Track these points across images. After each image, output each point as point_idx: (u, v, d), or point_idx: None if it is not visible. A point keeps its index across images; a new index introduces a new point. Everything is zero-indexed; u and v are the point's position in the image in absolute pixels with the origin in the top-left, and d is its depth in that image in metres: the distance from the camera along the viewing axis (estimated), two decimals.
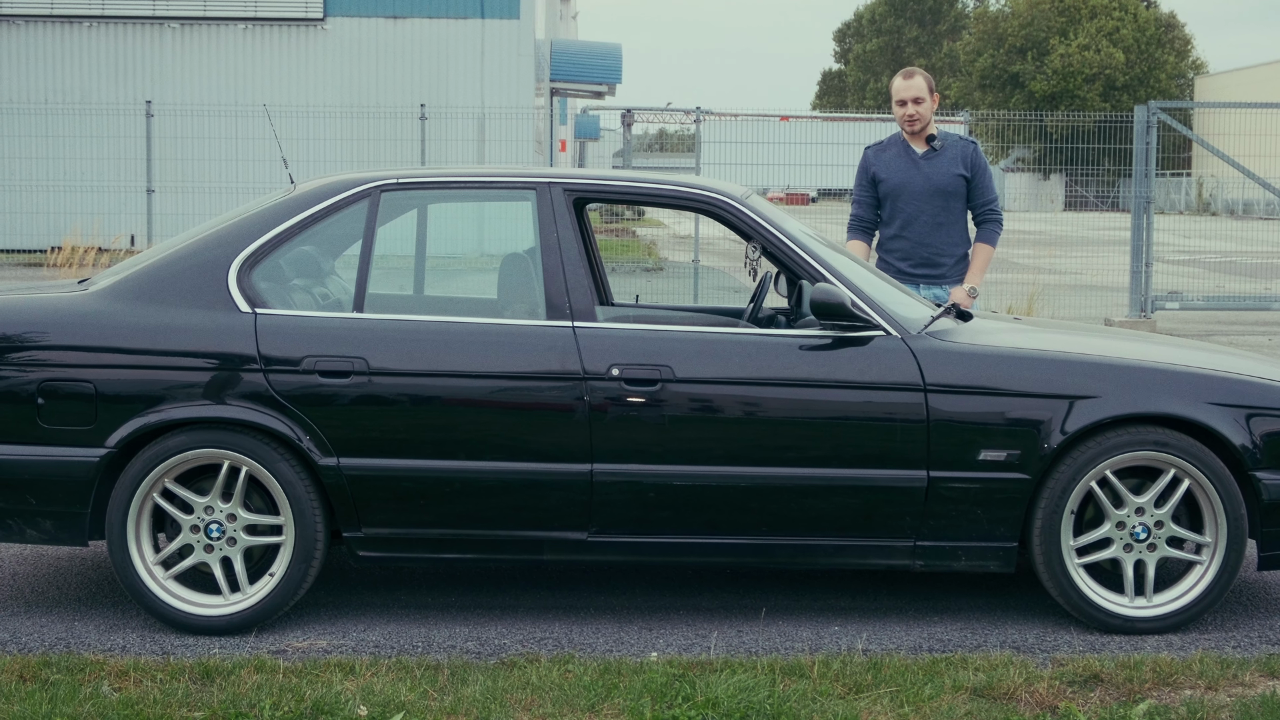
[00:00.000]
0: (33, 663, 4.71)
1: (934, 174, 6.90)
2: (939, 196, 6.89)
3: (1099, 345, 5.58)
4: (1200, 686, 4.62)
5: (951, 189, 6.90)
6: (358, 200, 5.38)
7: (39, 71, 24.78)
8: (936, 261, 6.88)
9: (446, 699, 4.44)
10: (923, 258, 6.87)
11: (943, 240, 6.89)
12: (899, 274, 6.85)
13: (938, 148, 6.95)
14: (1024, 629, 5.28)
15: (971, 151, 6.97)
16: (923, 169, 6.91)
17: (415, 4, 25.12)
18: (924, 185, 6.89)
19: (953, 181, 6.90)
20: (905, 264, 6.89)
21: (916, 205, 6.88)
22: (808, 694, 4.47)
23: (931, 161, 6.93)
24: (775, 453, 5.12)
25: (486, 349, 5.15)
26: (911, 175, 6.90)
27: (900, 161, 6.96)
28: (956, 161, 6.92)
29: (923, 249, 6.88)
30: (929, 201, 6.88)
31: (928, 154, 6.95)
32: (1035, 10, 69.51)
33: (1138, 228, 15.66)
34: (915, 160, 6.93)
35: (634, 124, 17.42)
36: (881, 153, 7.04)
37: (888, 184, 6.94)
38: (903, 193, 6.90)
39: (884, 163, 7.00)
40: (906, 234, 6.90)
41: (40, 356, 5.14)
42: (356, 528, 5.15)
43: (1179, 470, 5.13)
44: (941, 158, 6.93)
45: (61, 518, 5.14)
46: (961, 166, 6.92)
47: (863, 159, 7.10)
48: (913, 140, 6.98)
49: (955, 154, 6.94)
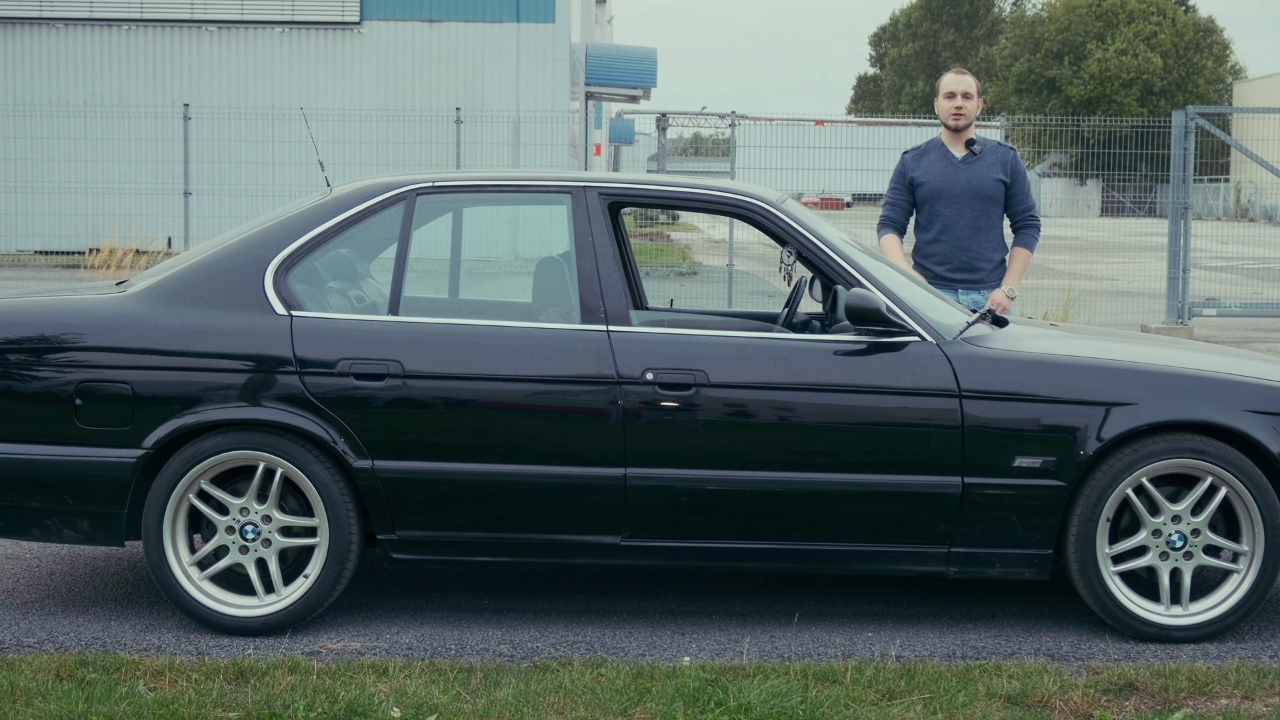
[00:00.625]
0: (69, 662, 4.74)
1: (974, 178, 6.88)
2: (978, 201, 6.86)
3: (1135, 352, 5.55)
4: (1237, 696, 4.59)
5: (991, 194, 6.88)
6: (393, 203, 5.40)
7: (77, 74, 24.96)
8: (975, 266, 6.85)
9: (479, 701, 4.45)
10: (961, 262, 6.85)
11: (981, 245, 6.87)
12: (936, 279, 6.83)
13: (977, 152, 6.93)
14: (1058, 637, 5.26)
15: (1011, 157, 6.95)
16: (962, 173, 6.89)
17: (451, 7, 25.19)
18: (964, 189, 6.86)
19: (992, 186, 6.88)
20: (943, 268, 6.87)
21: (956, 209, 6.86)
22: (840, 700, 4.46)
23: (971, 166, 6.91)
24: (809, 458, 5.11)
25: (521, 352, 5.16)
26: (952, 179, 6.88)
27: (940, 165, 6.94)
28: (996, 166, 6.90)
29: (961, 253, 6.85)
30: (968, 205, 6.86)
31: (967, 158, 6.93)
32: (1072, 15, 69.21)
33: (1175, 234, 15.56)
34: (955, 164, 6.91)
35: (669, 128, 17.40)
36: (920, 157, 7.02)
37: (927, 187, 6.92)
38: (942, 196, 6.87)
39: (923, 167, 6.97)
40: (945, 238, 6.88)
41: (78, 358, 5.18)
42: (390, 530, 5.16)
43: (1216, 478, 5.09)
44: (981, 162, 6.91)
45: (98, 518, 5.17)
46: (1001, 171, 6.90)
47: (900, 163, 7.08)
48: (952, 144, 6.96)
49: (995, 159, 6.92)
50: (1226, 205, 37.23)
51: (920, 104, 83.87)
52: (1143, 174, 23.06)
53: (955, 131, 6.96)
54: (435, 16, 25.22)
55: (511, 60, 25.03)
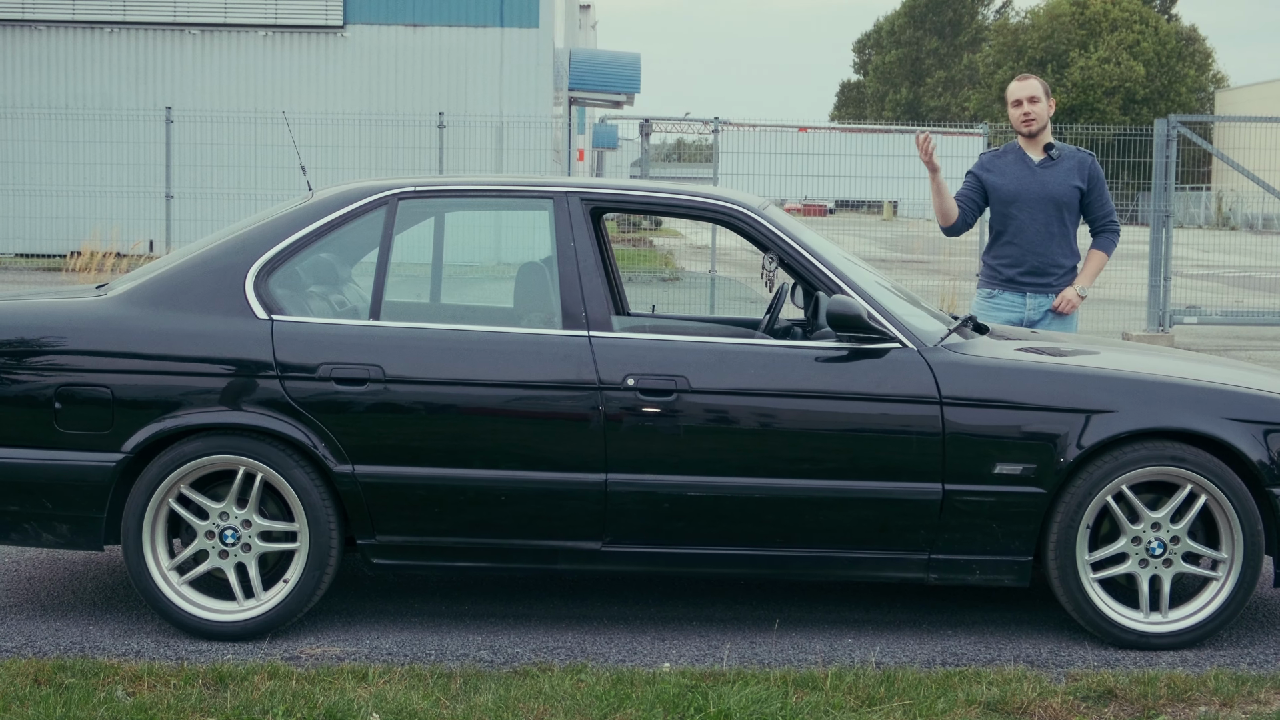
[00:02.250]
0: (47, 666, 4.72)
1: (1050, 183, 6.85)
2: (1053, 206, 6.84)
3: (1116, 359, 5.57)
4: (1215, 703, 4.61)
5: (1067, 200, 6.85)
6: (375, 208, 5.40)
7: (60, 77, 24.90)
8: (1045, 270, 6.83)
9: (459, 707, 4.44)
10: (1032, 266, 6.83)
11: (1054, 250, 6.84)
12: (1007, 281, 6.83)
13: (1055, 157, 6.90)
14: (1038, 643, 5.27)
15: (1090, 163, 6.92)
16: (1039, 176, 6.86)
17: (435, 12, 25.19)
18: (1039, 193, 6.84)
19: (1069, 192, 6.86)
20: (1014, 271, 6.85)
21: (1030, 213, 6.83)
22: (820, 706, 4.47)
23: (1048, 170, 6.88)
24: (790, 464, 5.11)
25: (502, 358, 5.15)
26: (1027, 183, 6.85)
27: (1016, 169, 6.91)
28: (1073, 173, 6.88)
29: (1033, 257, 6.83)
30: (1042, 210, 6.83)
31: (1044, 162, 6.90)
32: (1055, 23, 69.45)
33: (1156, 241, 15.62)
34: (1032, 168, 6.89)
35: (652, 134, 17.41)
36: (997, 159, 7.00)
37: (1002, 190, 6.89)
38: (1017, 200, 6.84)
39: (1000, 169, 6.93)
40: (1018, 241, 6.85)
41: (58, 361, 5.16)
42: (371, 535, 5.15)
43: (1195, 486, 5.11)
44: (1058, 167, 6.89)
45: (77, 522, 5.15)
46: (1079, 178, 6.87)
47: (977, 162, 7.05)
48: (1028, 147, 6.94)
49: (1072, 164, 6.90)
50: (1208, 213, 37.37)
51: (903, 110, 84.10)
52: (1125, 182, 23.14)
53: (1029, 137, 6.95)
54: (419, 21, 25.21)
55: (495, 65, 25.03)
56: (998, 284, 6.87)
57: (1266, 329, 16.81)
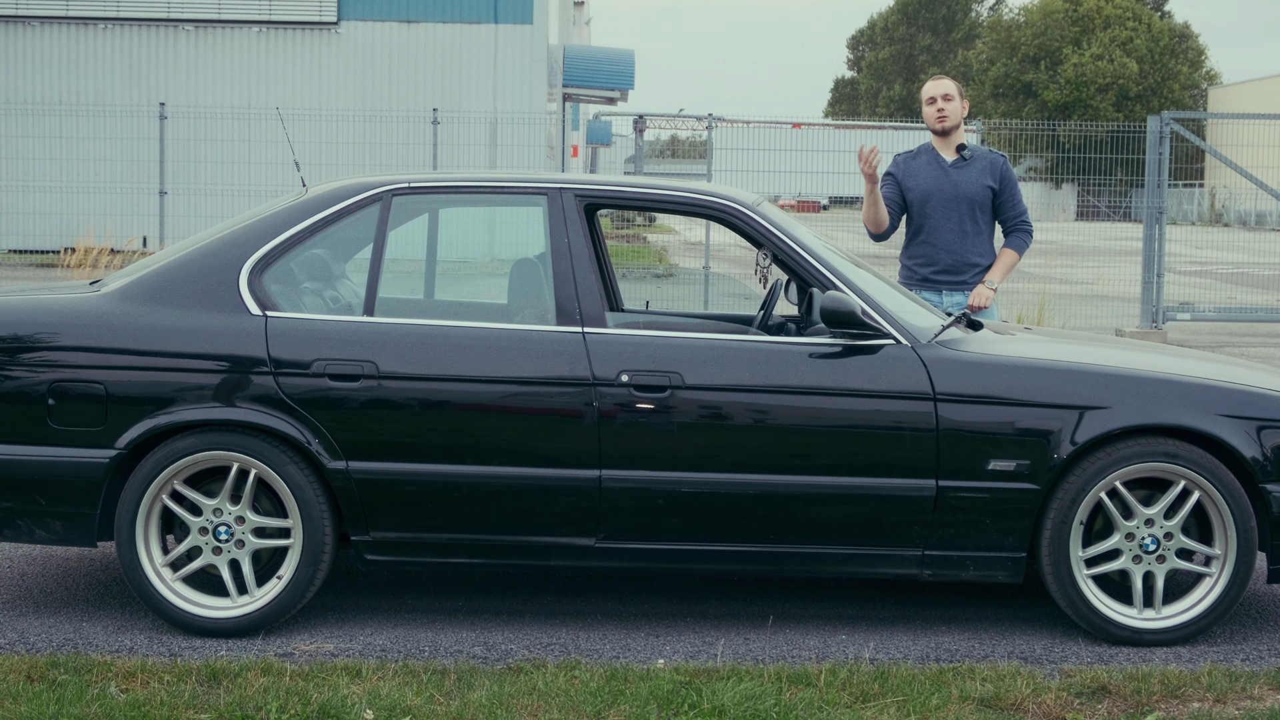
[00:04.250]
0: (40, 663, 4.72)
1: (962, 183, 6.89)
2: (966, 206, 6.88)
3: (1109, 356, 5.57)
4: (1209, 699, 4.61)
5: (979, 199, 6.89)
6: (369, 204, 5.39)
7: (53, 73, 24.85)
8: (959, 269, 6.87)
9: (453, 703, 4.44)
10: (947, 265, 6.87)
11: (968, 249, 6.88)
12: (922, 280, 6.86)
13: (967, 158, 6.94)
14: (1032, 639, 5.27)
15: (1001, 164, 6.96)
16: (951, 177, 6.90)
17: (429, 8, 25.16)
18: (952, 193, 6.88)
19: (981, 192, 6.89)
20: (928, 270, 6.89)
21: (943, 213, 6.87)
22: (814, 703, 4.47)
23: (961, 171, 6.92)
24: (784, 460, 5.11)
25: (496, 354, 5.15)
26: (940, 183, 6.89)
27: (929, 169, 6.95)
28: (985, 173, 6.92)
29: (947, 256, 6.87)
30: (955, 209, 6.87)
31: (957, 163, 6.94)
32: (1049, 19, 69.46)
33: (1150, 238, 15.63)
34: (944, 168, 6.92)
35: (646, 130, 17.41)
36: (911, 160, 7.04)
37: (915, 191, 6.94)
38: (930, 200, 6.89)
39: (913, 170, 6.99)
40: (933, 241, 6.89)
41: (51, 357, 5.15)
42: (364, 531, 5.15)
43: (1189, 482, 5.12)
44: (971, 168, 6.92)
45: (70, 518, 5.14)
46: (990, 178, 6.91)
47: (893, 162, 7.09)
48: (941, 147, 6.98)
49: (984, 165, 6.94)
50: (1201, 210, 37.41)
51: (897, 107, 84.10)
52: (1118, 178, 23.17)
53: (943, 135, 6.97)
54: (413, 17, 25.17)
55: (489, 61, 25.01)
56: (915, 283, 6.91)
57: (1259, 325, 16.83)
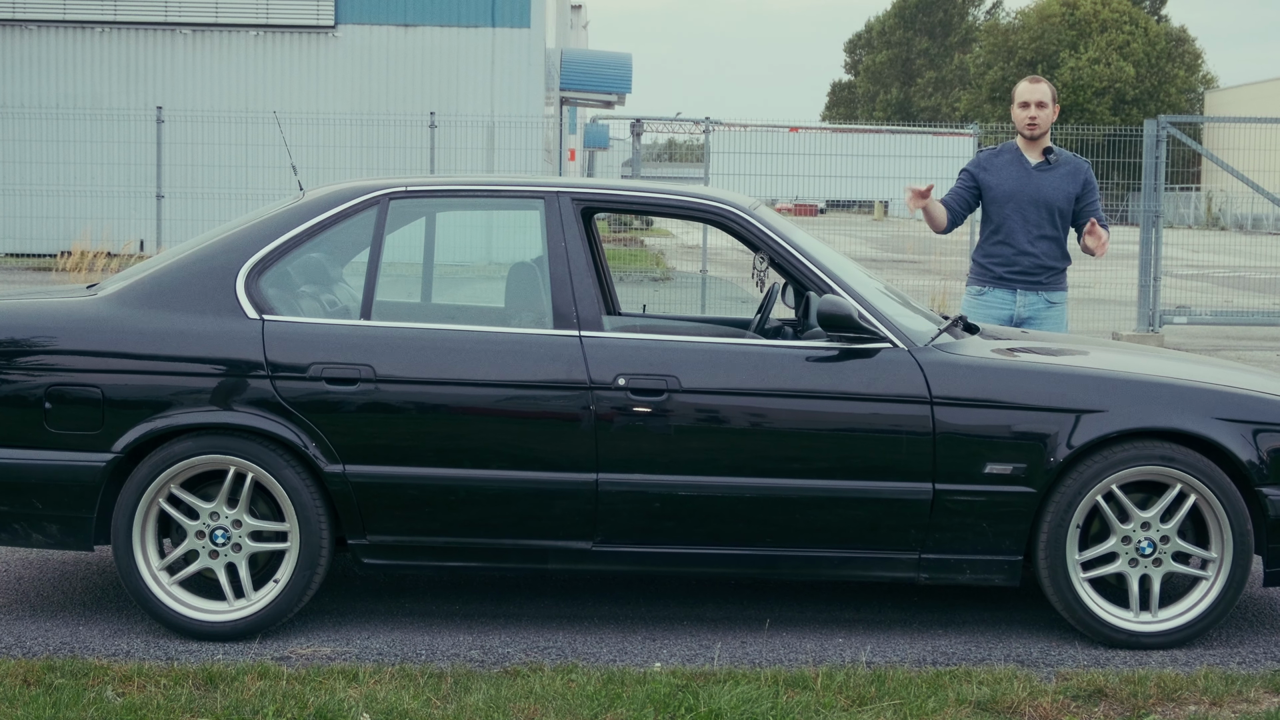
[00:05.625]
0: (37, 667, 4.71)
1: (1045, 186, 6.86)
2: (1046, 209, 6.85)
3: (1106, 359, 5.58)
4: (1205, 702, 4.61)
5: (1061, 204, 6.86)
6: (366, 208, 5.40)
7: (51, 76, 24.85)
8: (1035, 271, 6.86)
9: (450, 707, 4.44)
10: (1024, 267, 6.84)
11: (1044, 252, 6.85)
12: (997, 279, 6.85)
13: (1052, 161, 6.92)
14: (1028, 643, 5.28)
15: (1086, 171, 6.94)
16: (1035, 179, 6.87)
17: (426, 12, 25.17)
18: (1034, 196, 6.84)
19: (1064, 198, 6.86)
20: (1004, 269, 6.86)
21: (1023, 215, 6.84)
22: (811, 706, 4.47)
23: (1045, 174, 6.89)
24: (781, 464, 5.12)
25: (493, 358, 5.15)
26: (1023, 185, 6.85)
27: (1013, 169, 6.91)
28: (1069, 179, 6.88)
29: (1025, 259, 6.84)
30: (1036, 212, 6.84)
31: (1041, 165, 6.91)
32: (1046, 23, 69.53)
33: (1146, 242, 15.65)
34: (1028, 170, 6.88)
35: (643, 134, 17.40)
36: (994, 157, 6.99)
37: (996, 190, 6.88)
38: (1011, 201, 6.84)
39: (996, 168, 6.93)
40: (1011, 241, 6.85)
41: (48, 361, 5.15)
42: (361, 535, 5.15)
43: (1185, 485, 5.12)
44: (1055, 172, 6.90)
45: (67, 522, 5.14)
46: (1074, 184, 6.88)
47: (974, 159, 7.04)
48: (1027, 149, 6.94)
49: (1069, 170, 6.91)
50: (1198, 214, 37.47)
51: (894, 111, 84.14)
52: (1115, 182, 23.20)
53: (1031, 140, 6.95)
54: (410, 21, 25.18)
55: (486, 65, 25.01)
56: (988, 281, 6.88)
57: (1256, 329, 16.85)
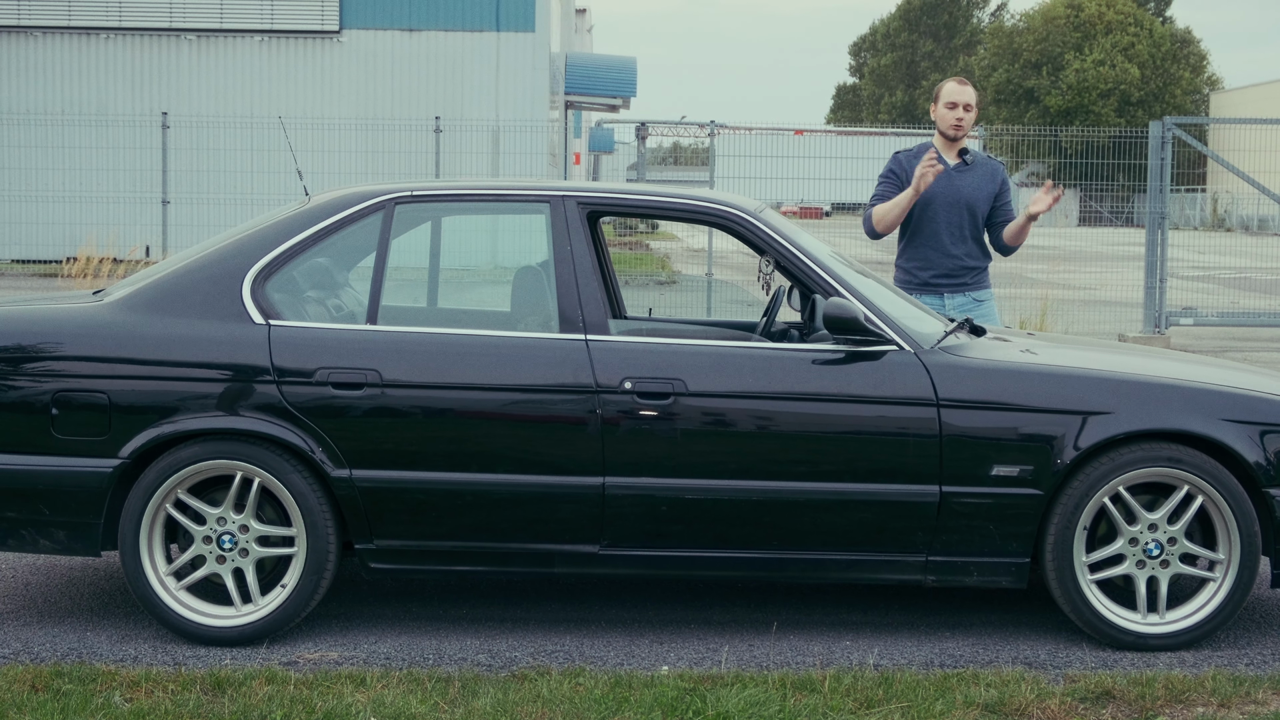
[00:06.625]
0: (45, 673, 4.72)
1: (965, 187, 6.88)
2: (968, 210, 6.87)
3: (1112, 361, 5.57)
4: (1213, 704, 4.61)
5: (979, 205, 6.89)
6: (372, 212, 5.40)
7: (56, 83, 24.88)
8: (958, 273, 6.86)
9: (457, 711, 4.44)
10: (947, 269, 6.85)
11: (964, 252, 6.87)
12: (922, 284, 6.83)
13: (969, 162, 6.94)
14: (1036, 645, 5.27)
15: (1002, 171, 6.98)
16: (954, 181, 6.88)
17: (431, 16, 25.18)
18: (954, 198, 6.85)
19: (985, 198, 6.89)
20: (928, 274, 6.86)
21: (944, 217, 6.85)
22: (819, 709, 4.47)
23: (963, 175, 6.90)
24: (787, 467, 5.11)
25: (499, 362, 5.16)
26: (944, 186, 6.85)
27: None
28: (988, 179, 6.91)
29: (947, 260, 6.85)
30: (955, 213, 6.85)
31: (959, 167, 6.92)
32: (1050, 25, 69.48)
33: (1152, 243, 15.64)
34: (948, 172, 6.89)
35: (648, 137, 17.41)
36: (913, 159, 6.98)
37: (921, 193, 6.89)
38: (931, 203, 6.85)
39: (915, 170, 6.95)
40: (933, 244, 6.86)
41: (55, 367, 5.16)
42: (368, 539, 5.15)
43: (1192, 487, 5.11)
44: (973, 173, 6.92)
45: (74, 528, 5.14)
46: (993, 184, 6.91)
47: (893, 160, 7.02)
48: (946, 150, 6.95)
49: (987, 171, 6.94)
50: (1204, 215, 37.44)
51: (899, 113, 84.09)
52: (1120, 184, 23.19)
53: (951, 141, 6.96)
54: (415, 25, 25.19)
55: (491, 69, 25.02)
56: (915, 288, 6.86)
57: (1262, 330, 16.83)
